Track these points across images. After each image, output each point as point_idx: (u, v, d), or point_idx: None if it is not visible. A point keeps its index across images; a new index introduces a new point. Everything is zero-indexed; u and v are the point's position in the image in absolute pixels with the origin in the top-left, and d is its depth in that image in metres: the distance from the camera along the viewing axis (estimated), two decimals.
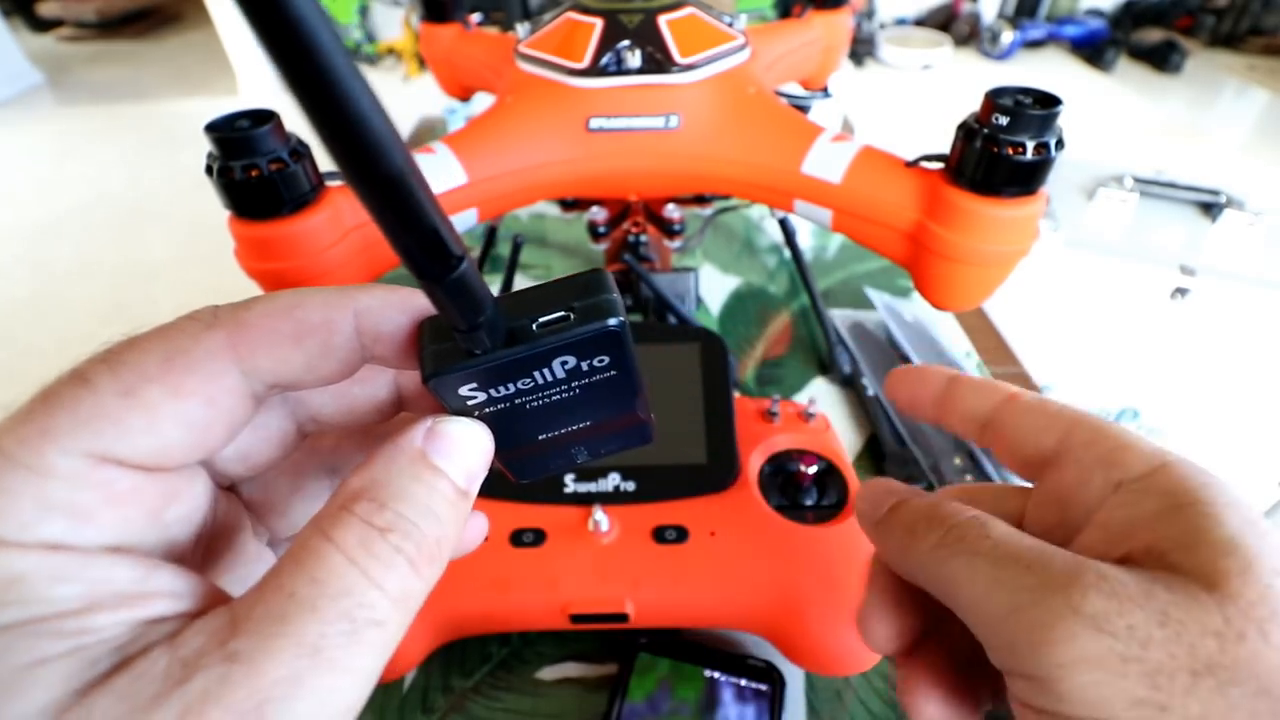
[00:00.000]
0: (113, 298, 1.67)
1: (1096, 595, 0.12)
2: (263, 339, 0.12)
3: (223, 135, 0.25)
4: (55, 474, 0.11)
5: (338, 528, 0.11)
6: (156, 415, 0.11)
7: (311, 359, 0.13)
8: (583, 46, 0.33)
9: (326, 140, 0.08)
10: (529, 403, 0.14)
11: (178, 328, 0.12)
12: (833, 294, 0.57)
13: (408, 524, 0.12)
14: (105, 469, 0.11)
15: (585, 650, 0.33)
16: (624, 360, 0.14)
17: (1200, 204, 0.97)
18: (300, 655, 0.10)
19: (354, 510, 0.12)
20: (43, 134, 2.47)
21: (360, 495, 0.12)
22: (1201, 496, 0.14)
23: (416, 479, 0.12)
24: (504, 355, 0.13)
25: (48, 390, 0.11)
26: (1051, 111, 0.26)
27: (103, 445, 0.11)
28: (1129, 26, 2.95)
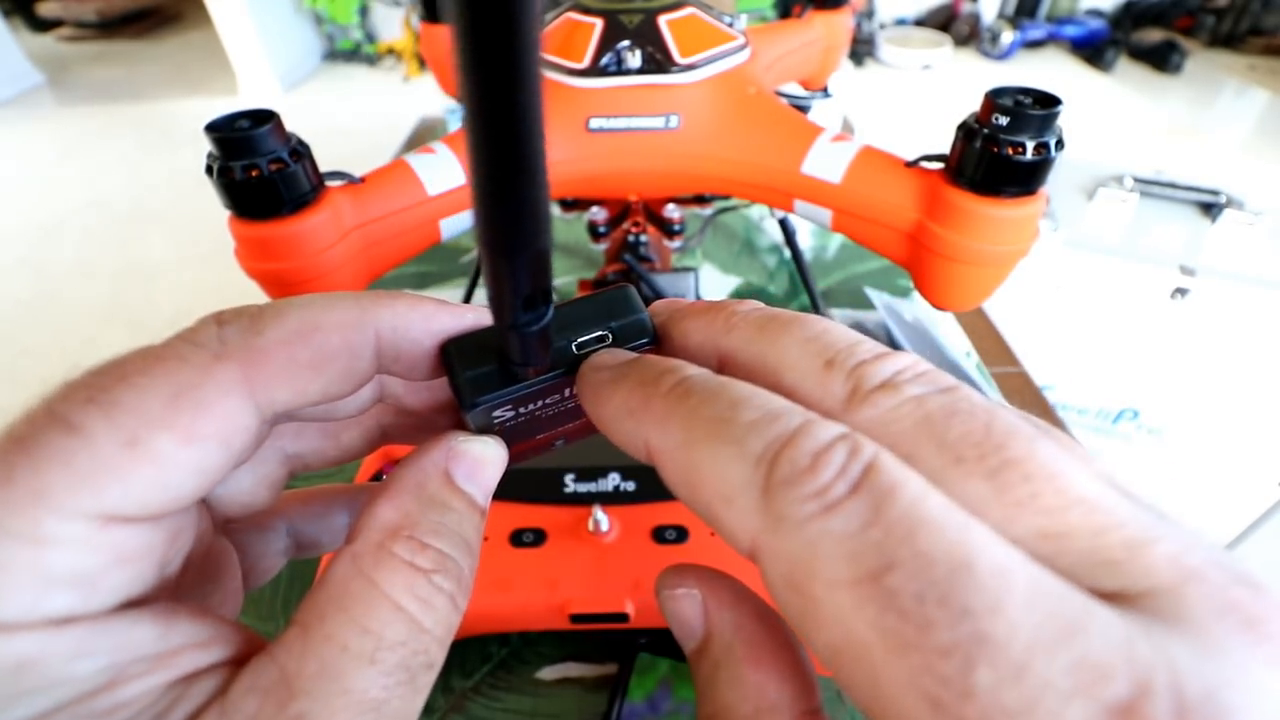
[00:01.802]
0: (113, 298, 1.67)
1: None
2: (281, 370, 0.11)
3: (223, 135, 0.25)
4: (55, 542, 0.09)
5: (381, 571, 0.11)
6: (166, 466, 0.10)
7: (329, 386, 0.12)
8: (583, 47, 0.33)
9: (497, 199, 0.08)
10: (546, 412, 0.14)
11: (179, 356, 0.11)
12: (833, 294, 0.57)
13: (449, 562, 0.12)
14: (111, 529, 0.10)
15: (585, 650, 0.33)
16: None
17: (1200, 204, 0.97)
18: (364, 712, 0.10)
19: (395, 552, 0.11)
20: (43, 134, 2.47)
21: (398, 532, 0.11)
22: None
23: (448, 508, 0.12)
24: (547, 379, 0.13)
25: (25, 439, 0.10)
26: (1051, 111, 0.26)
27: (107, 504, 0.10)
28: (1129, 27, 2.95)
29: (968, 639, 0.07)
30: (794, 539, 0.09)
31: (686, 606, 0.13)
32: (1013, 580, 0.08)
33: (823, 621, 0.08)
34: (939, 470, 0.09)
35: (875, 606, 0.08)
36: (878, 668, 0.08)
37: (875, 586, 0.08)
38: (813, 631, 0.09)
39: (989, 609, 0.07)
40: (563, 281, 0.59)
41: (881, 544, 0.08)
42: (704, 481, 0.10)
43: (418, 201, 0.31)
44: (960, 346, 0.52)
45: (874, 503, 0.08)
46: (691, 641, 0.13)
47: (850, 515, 0.08)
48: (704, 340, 0.13)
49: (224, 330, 0.11)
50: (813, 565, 0.08)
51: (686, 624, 0.13)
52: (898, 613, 0.08)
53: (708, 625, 0.12)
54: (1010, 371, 0.52)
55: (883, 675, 0.08)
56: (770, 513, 0.09)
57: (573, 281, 0.59)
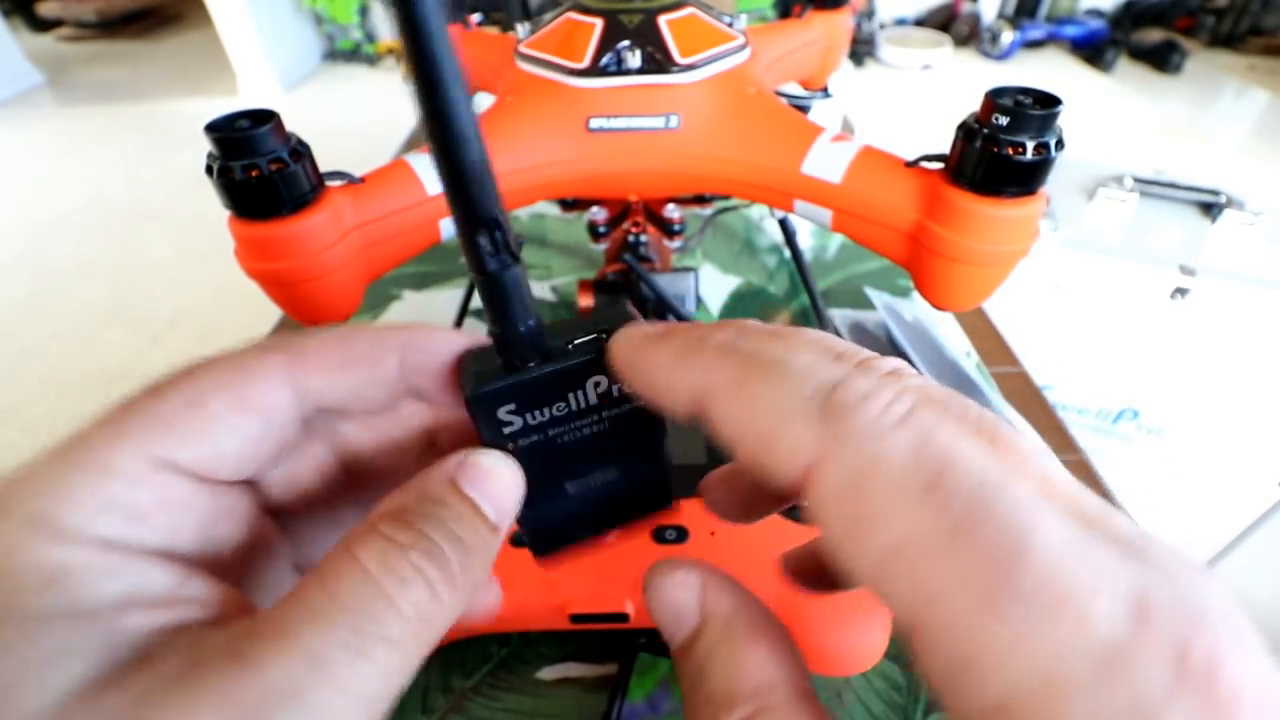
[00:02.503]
0: (113, 298, 1.67)
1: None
2: (316, 363, 0.13)
3: (222, 135, 0.25)
4: (118, 474, 0.11)
5: (361, 544, 0.11)
6: (216, 425, 0.12)
7: (358, 385, 0.14)
8: (583, 46, 0.33)
9: (436, 144, 0.11)
10: (561, 435, 0.14)
11: (243, 350, 0.13)
12: (833, 294, 0.58)
13: (430, 544, 0.12)
14: (164, 474, 0.12)
15: (585, 650, 0.33)
16: None
17: (1200, 204, 0.97)
18: (304, 666, 0.10)
19: (379, 528, 0.12)
20: (43, 134, 2.47)
21: (388, 515, 0.12)
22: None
23: (444, 504, 0.12)
24: (543, 369, 0.14)
25: (126, 399, 0.12)
26: (1051, 111, 0.26)
27: (165, 450, 0.12)
28: (1129, 27, 2.95)
29: (1015, 542, 0.08)
30: (857, 454, 0.10)
31: (683, 594, 0.13)
32: (1041, 502, 0.09)
33: (881, 525, 0.09)
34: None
35: (935, 509, 0.09)
36: (933, 564, 0.09)
37: (935, 494, 0.09)
38: (869, 535, 0.10)
39: (1029, 519, 0.09)
40: (563, 281, 0.59)
41: (938, 460, 0.09)
42: (759, 412, 0.11)
43: (418, 201, 0.31)
44: (960, 346, 0.52)
45: (922, 435, 0.10)
46: (682, 630, 0.13)
47: (904, 439, 0.10)
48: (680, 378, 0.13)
49: (280, 336, 0.14)
50: (876, 475, 0.10)
51: (680, 612, 0.13)
52: (955, 516, 0.09)
53: (705, 610, 0.13)
54: (1010, 371, 0.52)
55: (937, 571, 0.09)
56: (831, 434, 0.10)
57: (573, 281, 0.59)
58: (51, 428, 1.32)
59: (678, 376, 0.12)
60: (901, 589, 0.09)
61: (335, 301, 0.30)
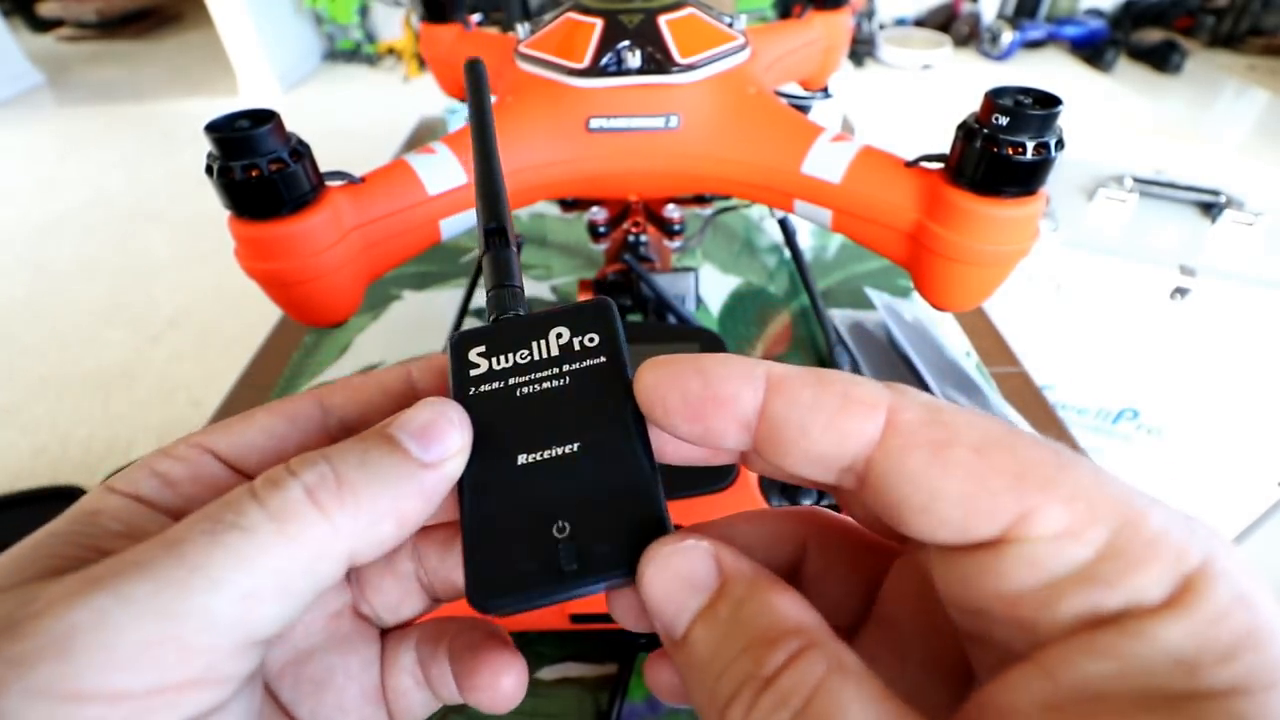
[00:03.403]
0: (113, 298, 1.67)
1: None
2: (340, 387, 0.16)
3: (223, 135, 0.25)
4: (169, 453, 0.14)
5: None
6: (251, 423, 0.15)
7: (370, 396, 0.15)
8: (583, 47, 0.33)
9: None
10: (520, 387, 0.14)
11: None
12: (833, 294, 0.58)
13: (318, 458, 0.12)
14: (201, 455, 0.14)
15: (585, 650, 0.33)
16: (613, 346, 0.15)
17: (1200, 204, 0.97)
18: (160, 546, 0.11)
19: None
20: (43, 134, 2.47)
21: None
22: (1246, 675, 0.08)
23: (360, 440, 0.13)
24: (513, 319, 0.15)
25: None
26: (1051, 111, 0.26)
27: (206, 439, 0.14)
28: (1129, 27, 2.95)
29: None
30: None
31: (695, 559, 0.12)
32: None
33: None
34: None
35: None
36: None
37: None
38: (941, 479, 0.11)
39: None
40: (563, 281, 0.59)
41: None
42: (840, 388, 0.12)
43: (418, 201, 0.31)
44: (960, 346, 0.52)
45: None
46: (698, 597, 0.12)
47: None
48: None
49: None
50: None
51: (696, 578, 0.12)
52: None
53: (724, 571, 0.12)
54: (1010, 371, 0.52)
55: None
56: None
57: (573, 281, 0.59)
58: (52, 428, 1.32)
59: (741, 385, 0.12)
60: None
61: (335, 301, 0.30)
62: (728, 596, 0.12)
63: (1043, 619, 0.10)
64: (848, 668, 0.10)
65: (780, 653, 0.10)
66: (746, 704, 0.10)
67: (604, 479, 0.14)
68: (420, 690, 0.15)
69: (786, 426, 0.12)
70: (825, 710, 0.10)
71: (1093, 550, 0.10)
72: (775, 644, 0.11)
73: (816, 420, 0.12)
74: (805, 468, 0.12)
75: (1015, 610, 0.10)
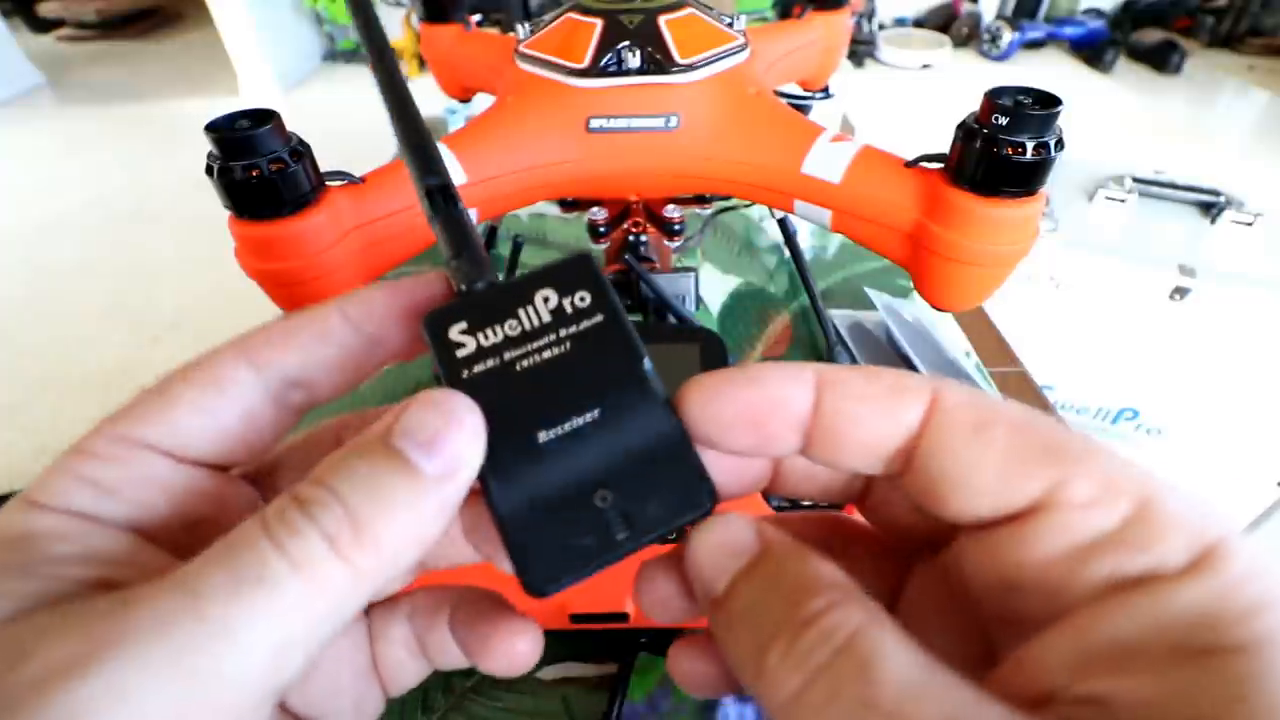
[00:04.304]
0: (113, 298, 1.67)
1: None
2: (264, 337, 0.14)
3: (223, 135, 0.25)
4: (94, 453, 0.12)
5: (271, 504, 0.11)
6: (176, 402, 0.13)
7: (309, 346, 0.14)
8: (583, 47, 0.33)
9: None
10: (519, 360, 0.13)
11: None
12: (833, 294, 0.58)
13: (330, 498, 0.11)
14: (134, 451, 0.13)
15: (585, 650, 0.33)
16: (606, 302, 0.14)
17: (1200, 204, 0.97)
18: (175, 599, 0.10)
19: (292, 489, 0.11)
20: (43, 134, 2.47)
21: (310, 477, 0.12)
22: (1263, 633, 0.09)
23: (364, 459, 0.11)
24: (490, 288, 0.14)
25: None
26: (1051, 111, 0.26)
27: (134, 430, 0.13)
28: (1128, 27, 2.95)
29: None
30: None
31: (739, 527, 0.13)
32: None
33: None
34: None
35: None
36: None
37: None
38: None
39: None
40: None
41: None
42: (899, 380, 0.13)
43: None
44: (960, 346, 0.52)
45: None
46: (742, 558, 0.12)
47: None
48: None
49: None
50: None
51: (737, 542, 0.12)
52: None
53: (765, 539, 0.13)
54: (1010, 371, 0.52)
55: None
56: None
57: None
58: (52, 428, 1.32)
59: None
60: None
61: None
62: (769, 558, 0.12)
63: (1072, 583, 0.10)
64: (885, 621, 0.10)
65: (821, 599, 0.11)
66: (786, 643, 0.11)
67: (632, 439, 0.13)
68: (415, 660, 0.16)
69: (841, 418, 0.12)
70: (866, 650, 0.10)
71: (1119, 519, 0.10)
72: (815, 593, 0.11)
73: (869, 408, 0.12)
74: (857, 458, 0.13)
75: (1045, 577, 0.11)
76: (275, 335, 0.14)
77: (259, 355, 0.14)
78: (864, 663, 0.10)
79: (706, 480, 0.13)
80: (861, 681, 0.10)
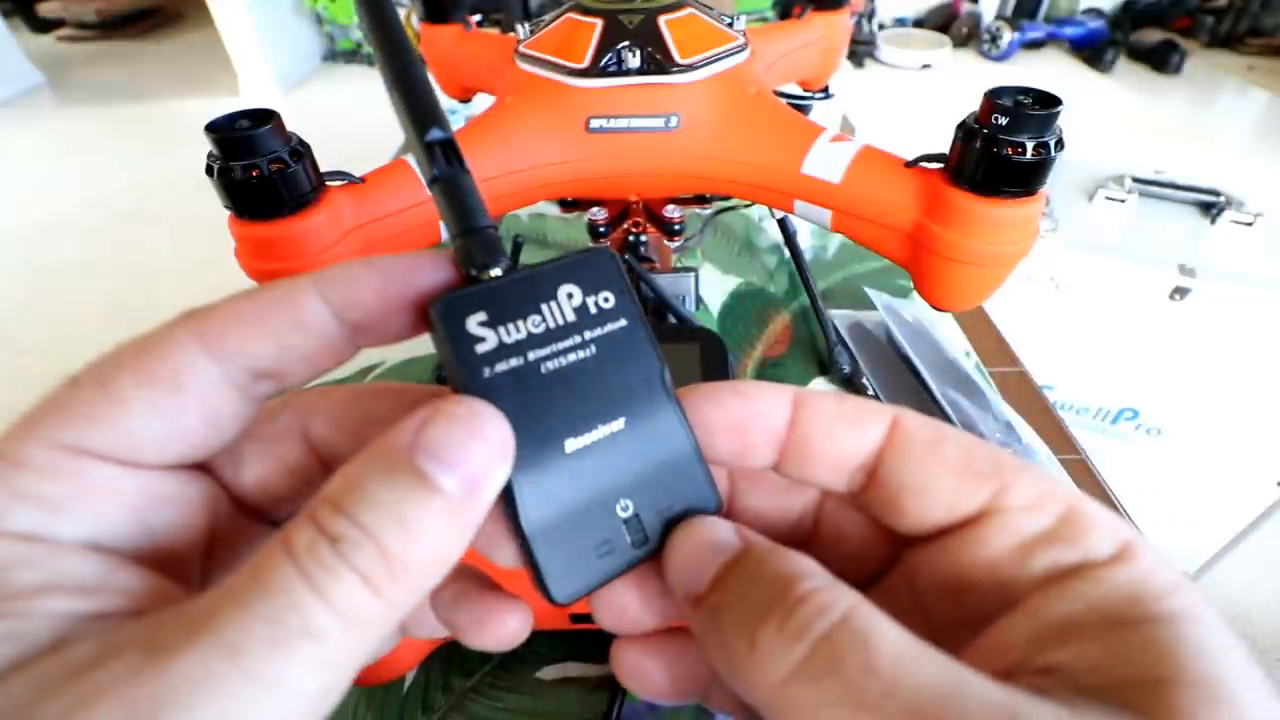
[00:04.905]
0: (113, 298, 1.67)
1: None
2: (227, 321, 0.12)
3: (223, 135, 0.25)
4: (29, 465, 0.11)
5: (295, 529, 0.10)
6: (126, 403, 0.11)
7: (281, 334, 0.12)
8: (583, 47, 0.33)
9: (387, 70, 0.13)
10: (544, 362, 0.13)
11: (155, 329, 0.12)
12: (833, 294, 0.58)
13: (361, 534, 0.10)
14: (79, 461, 0.11)
15: (585, 650, 0.33)
16: (631, 306, 0.14)
17: (1200, 204, 0.97)
18: (217, 655, 0.09)
19: (314, 515, 0.10)
20: (43, 134, 2.47)
21: (327, 500, 0.11)
22: (1174, 607, 0.11)
23: (389, 484, 0.11)
24: (509, 276, 0.13)
25: (46, 395, 0.12)
26: (1051, 111, 0.26)
27: (76, 436, 0.11)
28: (1128, 27, 2.95)
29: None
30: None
31: (720, 527, 0.14)
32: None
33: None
34: None
35: None
36: None
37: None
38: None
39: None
40: None
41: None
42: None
43: (418, 201, 0.31)
44: (960, 346, 0.52)
45: None
46: (724, 555, 0.13)
47: None
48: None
49: (192, 308, 0.12)
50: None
51: (718, 540, 0.13)
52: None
53: (744, 537, 0.13)
54: (1010, 371, 0.52)
55: None
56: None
57: None
58: None
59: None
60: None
61: None
62: (751, 553, 0.13)
63: (1018, 575, 0.12)
64: (870, 605, 0.11)
65: (809, 582, 0.11)
66: (780, 621, 0.11)
67: (652, 449, 0.14)
68: (395, 634, 0.16)
69: (813, 433, 0.14)
70: (863, 622, 0.11)
71: (1053, 519, 0.12)
72: (803, 577, 0.12)
73: (839, 425, 0.14)
74: (824, 472, 0.14)
75: (994, 573, 0.12)
76: (241, 320, 0.12)
77: (221, 343, 0.12)
78: (863, 634, 0.10)
79: (714, 489, 0.14)
80: (862, 650, 0.10)
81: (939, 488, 0.13)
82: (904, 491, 0.13)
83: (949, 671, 0.10)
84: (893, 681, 0.10)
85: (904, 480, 0.13)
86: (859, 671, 0.10)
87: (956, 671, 0.10)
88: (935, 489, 0.13)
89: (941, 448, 0.13)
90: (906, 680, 0.10)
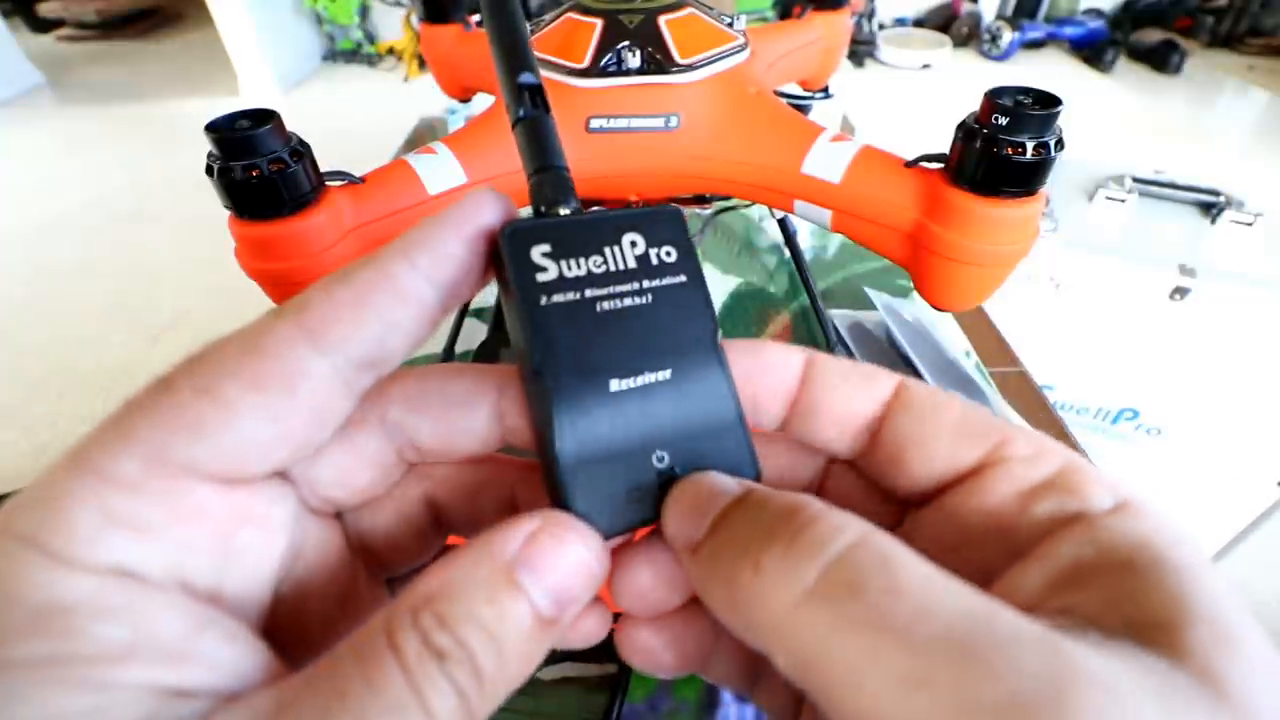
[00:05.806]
0: (113, 298, 1.67)
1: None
2: (327, 310, 0.11)
3: (223, 135, 0.25)
4: (123, 481, 0.09)
5: (400, 633, 0.10)
6: (235, 412, 0.10)
7: (384, 312, 0.11)
8: (583, 47, 0.33)
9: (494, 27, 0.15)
10: (600, 300, 0.13)
11: (252, 324, 0.11)
12: (833, 294, 0.58)
13: (464, 654, 0.10)
14: (176, 479, 0.10)
15: (585, 650, 0.33)
16: (692, 263, 0.14)
17: (1200, 204, 0.97)
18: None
19: (419, 619, 0.10)
20: (43, 134, 2.47)
21: (430, 602, 0.10)
22: (1178, 556, 0.11)
23: (491, 600, 0.11)
24: (576, 216, 0.13)
25: (131, 398, 0.10)
26: (1051, 111, 0.26)
27: (181, 450, 0.10)
28: (1128, 27, 2.95)
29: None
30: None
31: (718, 477, 0.13)
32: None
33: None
34: None
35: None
36: None
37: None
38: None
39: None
40: None
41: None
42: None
43: (418, 201, 0.31)
44: (960, 346, 0.52)
45: None
46: (725, 498, 0.12)
47: None
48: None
49: (283, 304, 0.12)
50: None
51: (719, 486, 0.13)
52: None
53: (744, 484, 0.13)
54: (1010, 371, 0.52)
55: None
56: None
57: None
58: (51, 428, 1.32)
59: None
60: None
61: None
62: (753, 495, 0.12)
63: (1022, 523, 0.12)
64: (886, 533, 0.11)
65: (815, 505, 0.11)
66: (786, 543, 0.10)
67: (695, 406, 0.13)
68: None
69: (823, 391, 0.14)
70: (883, 546, 0.10)
71: (1053, 469, 0.12)
72: (810, 504, 0.11)
73: (847, 384, 0.14)
74: (831, 429, 0.14)
75: (998, 523, 0.12)
76: (342, 308, 0.11)
77: (327, 336, 0.11)
78: (883, 555, 0.10)
79: (754, 458, 0.14)
80: (885, 572, 0.09)
81: (940, 443, 0.13)
82: (906, 447, 0.13)
83: (981, 602, 0.09)
84: (922, 606, 0.09)
85: (907, 436, 0.13)
86: (882, 594, 0.09)
87: (988, 603, 0.09)
88: (936, 444, 0.13)
89: (943, 409, 0.13)
90: (936, 606, 0.09)
